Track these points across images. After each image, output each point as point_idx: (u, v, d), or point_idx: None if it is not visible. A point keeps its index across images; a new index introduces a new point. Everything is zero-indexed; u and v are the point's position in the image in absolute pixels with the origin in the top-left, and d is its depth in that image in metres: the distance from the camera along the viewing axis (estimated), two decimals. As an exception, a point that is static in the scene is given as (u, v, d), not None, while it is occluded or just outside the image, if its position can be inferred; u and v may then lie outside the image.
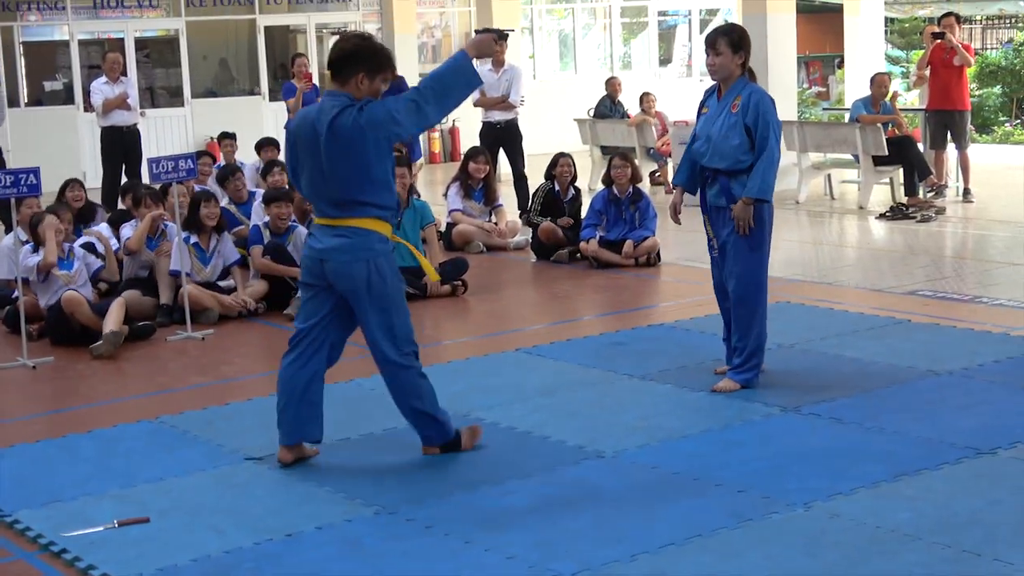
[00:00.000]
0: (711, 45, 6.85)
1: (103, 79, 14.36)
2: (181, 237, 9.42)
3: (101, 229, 10.25)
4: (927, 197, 13.60)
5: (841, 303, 9.13)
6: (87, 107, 16.98)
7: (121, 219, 10.43)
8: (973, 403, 6.58)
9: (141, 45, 20.32)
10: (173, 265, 9.45)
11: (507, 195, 13.80)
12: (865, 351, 7.65)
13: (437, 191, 14.84)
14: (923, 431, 6.12)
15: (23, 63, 19.56)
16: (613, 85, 17.51)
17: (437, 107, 5.73)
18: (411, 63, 19.06)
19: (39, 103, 19.76)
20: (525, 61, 22.18)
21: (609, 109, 17.23)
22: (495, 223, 12.47)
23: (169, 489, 5.81)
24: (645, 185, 15.20)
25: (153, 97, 20.30)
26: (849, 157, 14.72)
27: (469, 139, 14.45)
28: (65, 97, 19.81)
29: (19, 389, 7.98)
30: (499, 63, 14.08)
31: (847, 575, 4.59)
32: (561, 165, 11.93)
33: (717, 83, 6.98)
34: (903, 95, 18.89)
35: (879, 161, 13.92)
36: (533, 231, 11.76)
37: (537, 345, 8.28)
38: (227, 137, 14.30)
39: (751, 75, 6.95)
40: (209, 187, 11.98)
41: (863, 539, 4.88)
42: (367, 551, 5.01)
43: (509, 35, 6.10)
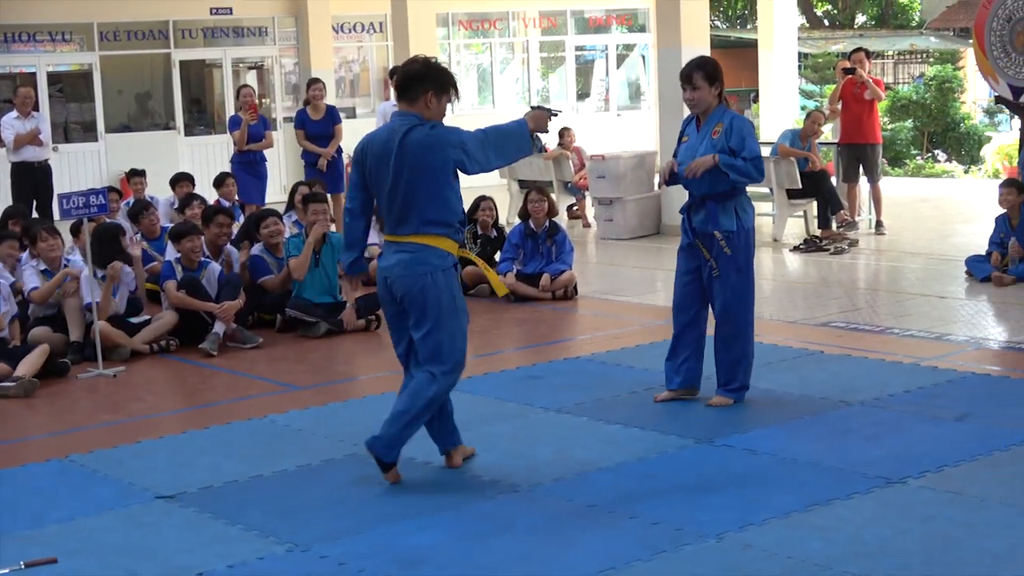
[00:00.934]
0: (687, 80, 7.07)
1: (14, 114, 14.16)
2: (90, 271, 9.31)
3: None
4: (839, 231, 13.77)
5: (755, 335, 9.18)
6: (-2, 142, 16.73)
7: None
8: (884, 433, 6.65)
9: (54, 79, 20.10)
10: (86, 299, 9.30)
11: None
12: (778, 382, 7.72)
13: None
14: (835, 461, 6.17)
15: (-67, 97, 19.29)
16: (531, 119, 17.55)
17: (495, 155, 6.04)
18: (329, 97, 18.96)
19: (-51, 138, 19.45)
20: (443, 96, 22.19)
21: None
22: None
23: (78, 529, 5.72)
24: (562, 219, 15.30)
25: (67, 132, 20.08)
26: (764, 190, 14.87)
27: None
28: (-24, 132, 19.51)
29: (-75, 429, 7.83)
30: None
31: (759, 606, 4.62)
32: (483, 209, 11.87)
33: (694, 114, 7.23)
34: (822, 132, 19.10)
35: (793, 194, 14.08)
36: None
37: (453, 379, 8.25)
38: (137, 174, 14.13)
39: (726, 102, 7.22)
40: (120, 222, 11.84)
41: (775, 570, 4.91)
42: (279, 589, 4.96)
43: (559, 114, 6.58)
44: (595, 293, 11.30)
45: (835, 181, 14.55)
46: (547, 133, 6.50)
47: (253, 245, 10.85)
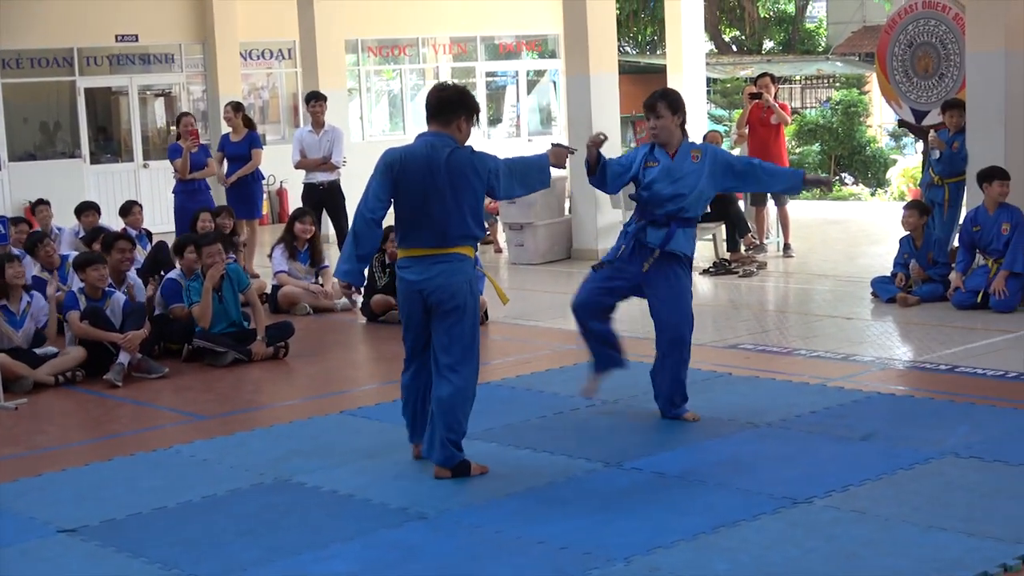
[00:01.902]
0: (651, 109, 7.28)
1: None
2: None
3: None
4: (747, 253, 13.89)
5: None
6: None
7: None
8: (790, 454, 6.69)
9: (-43, 108, 19.79)
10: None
11: (332, 257, 13.71)
12: (687, 405, 7.72)
13: (263, 252, 14.67)
14: (742, 483, 6.20)
15: None
16: (441, 145, 17.56)
17: (518, 185, 6.62)
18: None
19: None
20: (355, 122, 22.18)
21: (437, 169, 17.27)
22: (321, 284, 12.35)
23: (-25, 565, 5.60)
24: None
25: (-31, 161, 19.76)
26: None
27: (297, 200, 14.35)
28: None
29: None
30: (319, 124, 14.08)
31: (666, 629, 4.61)
32: (391, 240, 11.73)
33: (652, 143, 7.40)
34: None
35: (701, 218, 14.11)
36: (366, 295, 11.64)
37: (362, 407, 8.22)
38: (42, 203, 13.93)
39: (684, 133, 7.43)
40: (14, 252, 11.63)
41: (682, 592, 4.92)
42: (182, 623, 4.88)
43: (575, 152, 7.06)
44: (506, 318, 11.29)
45: (743, 205, 14.69)
46: (564, 169, 7.03)
47: (166, 275, 10.75)
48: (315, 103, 14.22)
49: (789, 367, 8.86)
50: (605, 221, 14.63)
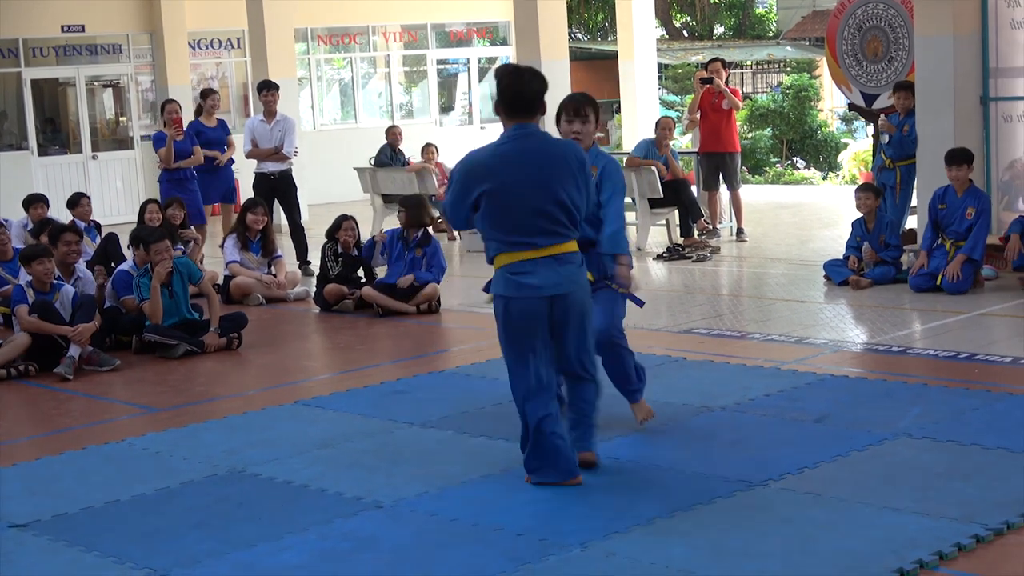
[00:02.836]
0: (576, 113, 6.53)
1: None
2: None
3: None
4: (700, 238, 13.92)
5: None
6: None
7: None
8: (745, 437, 6.71)
9: (-99, 100, 19.55)
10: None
11: (284, 246, 13.66)
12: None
13: (214, 243, 14.58)
14: (697, 467, 6.21)
15: None
16: (393, 134, 17.51)
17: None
18: (189, 114, 18.72)
19: None
20: (305, 111, 22.06)
21: (389, 157, 17.21)
22: (274, 275, 12.28)
23: (-76, 563, 5.52)
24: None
25: (-85, 154, 19.53)
26: (627, 200, 14.96)
27: (249, 190, 14.26)
28: None
29: None
30: (271, 114, 13.99)
31: (624, 614, 4.61)
32: (344, 229, 11.70)
33: None
34: (677, 139, 19.34)
35: (655, 203, 14.20)
36: (319, 285, 11.59)
37: (316, 396, 8.17)
38: (-11, 196, 13.79)
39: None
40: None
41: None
42: (135, 617, 4.84)
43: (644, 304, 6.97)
44: (460, 306, 11.26)
45: (696, 190, 14.72)
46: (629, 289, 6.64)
47: (118, 267, 10.66)
48: (267, 92, 14.11)
49: (743, 351, 8.88)
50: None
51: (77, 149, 20.71)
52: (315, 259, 12.97)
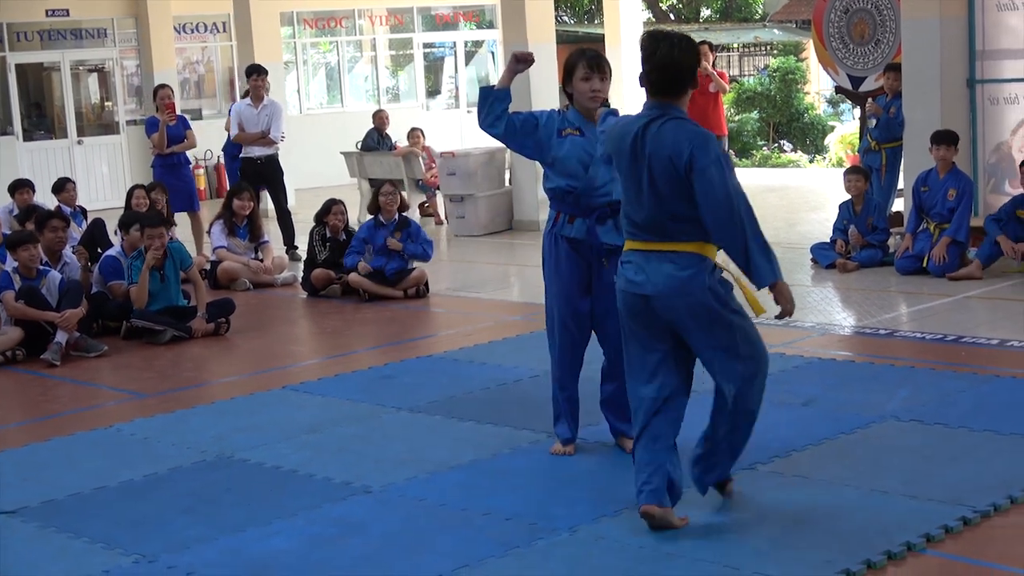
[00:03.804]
0: (598, 68, 6.08)
1: None
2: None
3: None
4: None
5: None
6: None
7: None
8: (733, 420, 6.69)
9: None
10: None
11: (271, 231, 13.63)
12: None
13: (201, 229, 14.53)
14: (685, 451, 6.19)
15: None
16: (380, 118, 17.45)
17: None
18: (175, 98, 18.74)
19: None
20: (291, 95, 22.00)
21: (376, 142, 17.16)
22: (261, 260, 12.26)
23: (-88, 550, 5.51)
24: (415, 217, 15.20)
25: (-101, 139, 19.43)
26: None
27: (235, 175, 14.21)
28: None
29: None
30: (259, 98, 13.94)
31: (613, 597, 4.62)
32: (334, 213, 11.65)
33: (563, 109, 6.27)
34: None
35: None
36: (306, 270, 11.56)
37: (304, 382, 8.17)
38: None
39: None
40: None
41: (627, 559, 4.93)
42: (124, 603, 4.83)
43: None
44: (447, 290, 11.26)
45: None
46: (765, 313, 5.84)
47: (104, 252, 10.64)
48: (256, 77, 14.04)
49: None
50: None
51: (63, 134, 20.62)
52: (302, 244, 12.94)
